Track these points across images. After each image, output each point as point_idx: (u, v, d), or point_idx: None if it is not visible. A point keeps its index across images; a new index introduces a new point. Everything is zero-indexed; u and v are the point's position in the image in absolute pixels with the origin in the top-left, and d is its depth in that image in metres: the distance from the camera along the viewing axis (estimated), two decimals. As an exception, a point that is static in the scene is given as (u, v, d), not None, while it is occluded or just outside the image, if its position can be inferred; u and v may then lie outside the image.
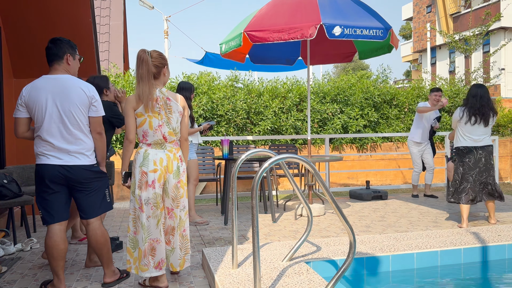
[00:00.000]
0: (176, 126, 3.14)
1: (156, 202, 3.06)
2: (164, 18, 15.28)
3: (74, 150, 3.01)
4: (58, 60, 3.09)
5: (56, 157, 2.97)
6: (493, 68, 19.38)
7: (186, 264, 3.26)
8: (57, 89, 2.99)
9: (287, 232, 4.81)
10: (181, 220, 3.20)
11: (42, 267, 3.72)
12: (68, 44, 3.15)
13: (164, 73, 3.16)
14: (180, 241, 3.21)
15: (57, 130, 2.97)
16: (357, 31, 4.74)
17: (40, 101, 2.97)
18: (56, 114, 2.96)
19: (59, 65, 3.09)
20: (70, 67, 3.14)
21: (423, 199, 6.96)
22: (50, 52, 3.09)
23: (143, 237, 3.03)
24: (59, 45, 3.11)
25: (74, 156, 3.01)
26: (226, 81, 8.63)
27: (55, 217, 3.03)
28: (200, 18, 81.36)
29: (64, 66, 3.11)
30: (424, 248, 3.63)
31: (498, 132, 10.57)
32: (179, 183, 3.16)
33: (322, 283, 2.80)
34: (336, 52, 6.45)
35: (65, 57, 3.10)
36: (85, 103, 3.04)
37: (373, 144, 9.09)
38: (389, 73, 9.93)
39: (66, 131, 2.99)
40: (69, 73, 3.13)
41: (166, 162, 3.10)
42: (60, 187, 3.01)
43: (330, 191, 2.89)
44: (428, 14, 26.29)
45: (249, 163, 7.18)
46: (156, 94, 3.08)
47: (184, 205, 3.21)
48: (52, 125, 2.96)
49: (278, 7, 5.13)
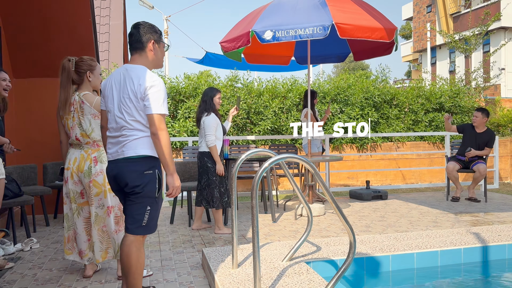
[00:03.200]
0: (88, 128, 3.32)
1: (71, 197, 3.38)
2: (164, 18, 15.29)
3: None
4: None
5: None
6: (493, 68, 19.37)
7: (108, 256, 3.40)
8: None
9: (287, 232, 4.81)
10: (98, 216, 3.35)
11: (42, 267, 3.72)
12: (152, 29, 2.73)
13: (88, 77, 3.39)
14: (100, 235, 3.37)
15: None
16: (291, 32, 4.77)
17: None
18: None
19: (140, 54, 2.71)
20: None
21: (423, 198, 6.95)
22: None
23: (66, 226, 3.44)
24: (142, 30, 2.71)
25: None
26: (225, 81, 8.63)
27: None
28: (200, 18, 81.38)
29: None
30: (424, 248, 3.62)
31: (498, 132, 10.57)
32: (91, 182, 3.29)
33: (322, 283, 2.80)
34: (376, 45, 6.04)
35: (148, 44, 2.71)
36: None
37: (373, 144, 9.09)
38: (388, 73, 9.93)
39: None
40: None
41: (79, 162, 3.33)
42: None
43: (330, 191, 2.89)
44: (428, 14, 26.28)
45: (249, 163, 7.18)
46: (74, 98, 3.34)
47: (102, 204, 3.33)
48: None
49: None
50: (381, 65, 10.06)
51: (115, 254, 3.42)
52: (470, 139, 6.55)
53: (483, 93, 13.18)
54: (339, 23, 4.71)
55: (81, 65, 3.37)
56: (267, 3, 5.52)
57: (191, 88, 8.13)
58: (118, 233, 3.37)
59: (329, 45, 6.44)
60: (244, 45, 5.02)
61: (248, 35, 4.89)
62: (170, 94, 7.99)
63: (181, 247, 4.30)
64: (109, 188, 3.31)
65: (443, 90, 9.85)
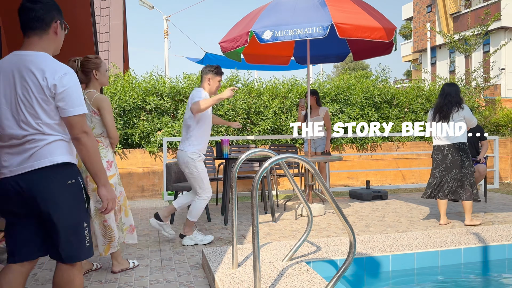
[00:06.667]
0: (89, 125, 3.36)
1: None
2: (164, 18, 15.28)
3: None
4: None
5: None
6: (493, 68, 19.37)
7: (111, 250, 3.44)
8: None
9: (287, 232, 4.81)
10: (98, 211, 3.37)
11: (42, 267, 3.72)
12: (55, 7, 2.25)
13: (95, 75, 3.42)
14: (102, 229, 3.42)
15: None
16: (290, 32, 4.77)
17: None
18: None
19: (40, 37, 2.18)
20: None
21: (423, 198, 6.95)
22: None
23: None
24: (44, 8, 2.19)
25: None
26: (226, 81, 8.63)
27: None
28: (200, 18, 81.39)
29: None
30: (424, 248, 3.62)
31: (498, 132, 10.57)
32: (88, 178, 3.36)
33: (322, 283, 2.80)
34: (376, 45, 6.03)
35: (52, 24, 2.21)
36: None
37: (373, 144, 9.09)
38: (388, 73, 9.93)
39: None
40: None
41: (79, 157, 3.34)
42: None
43: (330, 191, 2.88)
44: (428, 14, 26.29)
45: (249, 163, 7.18)
46: None
47: (100, 199, 3.34)
48: None
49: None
50: (381, 65, 10.07)
51: (118, 244, 3.47)
52: None
53: (483, 93, 13.18)
54: (339, 23, 4.71)
55: (86, 65, 3.41)
56: (266, 3, 5.53)
57: (191, 88, 8.13)
58: (117, 220, 3.52)
59: (329, 45, 6.44)
60: (243, 45, 5.02)
61: (247, 35, 4.89)
62: (170, 94, 7.99)
63: (181, 247, 4.30)
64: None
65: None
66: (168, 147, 7.83)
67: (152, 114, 7.95)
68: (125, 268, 3.58)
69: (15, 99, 2.06)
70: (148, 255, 4.03)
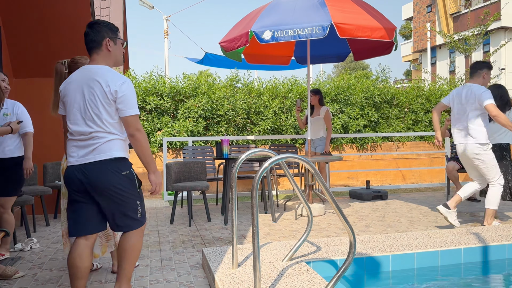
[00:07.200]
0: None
1: (63, 192, 3.43)
2: (164, 18, 15.29)
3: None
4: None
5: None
6: (493, 68, 19.37)
7: (108, 249, 3.46)
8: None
9: (287, 232, 4.81)
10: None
11: (42, 267, 3.72)
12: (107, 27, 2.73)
13: None
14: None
15: None
16: (290, 32, 4.77)
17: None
18: None
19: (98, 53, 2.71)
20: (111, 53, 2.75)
21: (423, 198, 6.96)
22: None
23: (61, 221, 3.49)
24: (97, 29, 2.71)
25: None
26: (226, 81, 8.63)
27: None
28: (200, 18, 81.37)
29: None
30: (424, 248, 3.62)
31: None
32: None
33: (322, 283, 2.80)
34: (376, 45, 6.01)
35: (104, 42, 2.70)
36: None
37: (373, 144, 9.09)
38: (388, 73, 9.93)
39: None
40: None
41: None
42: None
43: (330, 191, 2.89)
44: (428, 14, 26.29)
45: (249, 163, 7.18)
46: None
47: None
48: None
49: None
50: (381, 65, 10.07)
51: (115, 244, 3.48)
52: None
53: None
54: (338, 23, 4.71)
55: (73, 66, 3.42)
56: (266, 3, 5.53)
57: (191, 88, 8.13)
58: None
59: (329, 45, 6.44)
60: (243, 45, 5.02)
61: (247, 35, 4.89)
62: (170, 94, 8.00)
63: (181, 247, 4.30)
64: None
65: (443, 90, 9.85)
66: (168, 147, 7.83)
67: (152, 114, 7.95)
68: None
69: (84, 103, 2.57)
70: (148, 255, 4.03)
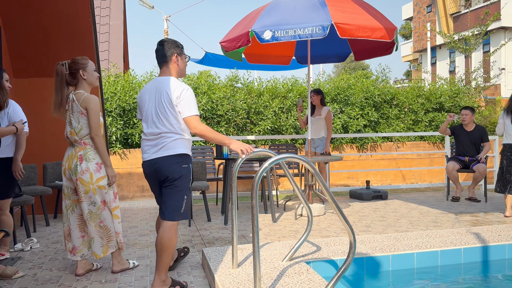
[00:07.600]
0: (76, 126, 3.40)
1: (65, 193, 3.50)
2: (164, 18, 15.29)
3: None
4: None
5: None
6: (493, 68, 19.38)
7: (109, 250, 3.49)
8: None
9: (287, 232, 4.81)
10: (93, 213, 3.43)
11: (42, 267, 3.72)
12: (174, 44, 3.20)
13: (82, 75, 3.45)
14: (99, 231, 3.46)
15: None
16: (290, 32, 4.76)
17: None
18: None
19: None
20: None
21: (423, 198, 6.95)
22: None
23: (63, 221, 3.53)
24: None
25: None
26: (225, 81, 8.63)
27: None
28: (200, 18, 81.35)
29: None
30: (424, 248, 3.63)
31: (498, 132, 10.56)
32: (78, 180, 3.37)
33: (322, 283, 2.80)
34: (377, 45, 5.99)
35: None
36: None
37: (373, 144, 9.09)
38: (388, 73, 9.93)
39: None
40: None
41: (69, 159, 3.44)
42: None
43: (330, 191, 2.89)
44: (428, 14, 26.28)
45: (249, 163, 7.18)
46: (68, 97, 3.46)
47: (94, 201, 3.40)
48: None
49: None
50: (381, 65, 10.07)
51: (117, 244, 3.49)
52: (464, 139, 6.58)
53: (483, 93, 13.18)
54: (339, 23, 4.71)
55: (73, 66, 3.44)
56: (266, 3, 5.53)
57: (191, 87, 8.13)
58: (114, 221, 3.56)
59: (330, 45, 6.44)
60: (244, 45, 5.02)
61: (248, 35, 4.89)
62: (170, 94, 7.99)
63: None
64: (98, 185, 3.37)
65: (443, 90, 9.85)
66: (168, 147, 7.82)
67: (152, 114, 7.94)
68: (125, 268, 3.58)
69: (155, 109, 3.05)
70: (148, 255, 4.03)
